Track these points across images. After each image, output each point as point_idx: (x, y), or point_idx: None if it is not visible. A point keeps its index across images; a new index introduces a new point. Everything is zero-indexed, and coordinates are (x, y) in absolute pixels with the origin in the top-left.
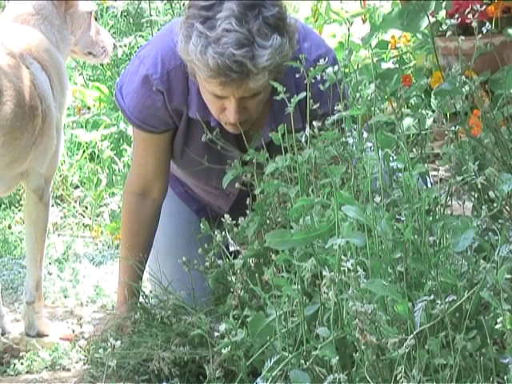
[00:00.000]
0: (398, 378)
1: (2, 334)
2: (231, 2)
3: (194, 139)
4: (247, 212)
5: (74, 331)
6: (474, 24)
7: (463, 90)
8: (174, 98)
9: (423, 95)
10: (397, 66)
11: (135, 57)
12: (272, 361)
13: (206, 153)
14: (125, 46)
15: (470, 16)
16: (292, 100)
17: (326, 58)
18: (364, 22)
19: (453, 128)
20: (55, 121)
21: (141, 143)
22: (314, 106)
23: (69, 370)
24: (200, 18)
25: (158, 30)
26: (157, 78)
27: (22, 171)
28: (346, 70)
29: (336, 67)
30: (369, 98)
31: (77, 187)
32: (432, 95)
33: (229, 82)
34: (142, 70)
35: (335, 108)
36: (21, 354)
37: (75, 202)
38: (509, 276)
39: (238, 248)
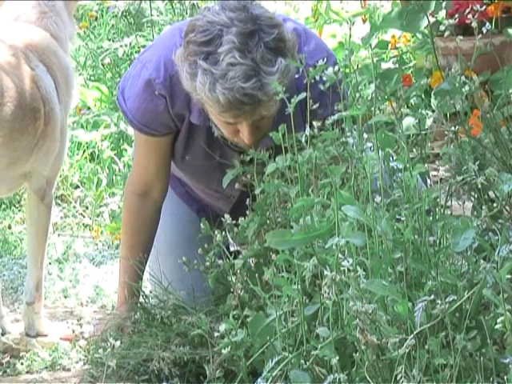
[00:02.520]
0: (398, 378)
1: (2, 334)
2: (230, 35)
3: (196, 143)
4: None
5: (74, 331)
6: (474, 24)
7: (463, 90)
8: (177, 103)
9: (423, 95)
10: (397, 66)
11: (137, 60)
12: (272, 361)
13: (207, 156)
14: (125, 45)
15: (469, 16)
16: (292, 100)
17: (325, 59)
18: (364, 21)
19: (453, 128)
20: (60, 124)
21: (142, 145)
22: (314, 106)
23: (69, 369)
24: (202, 55)
25: (159, 30)
26: (160, 82)
27: (25, 172)
28: (347, 70)
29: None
30: (369, 98)
31: (77, 187)
32: (432, 95)
33: (241, 113)
34: (144, 73)
35: (335, 108)
36: (21, 354)
37: (75, 202)
38: (509, 276)
39: (238, 248)
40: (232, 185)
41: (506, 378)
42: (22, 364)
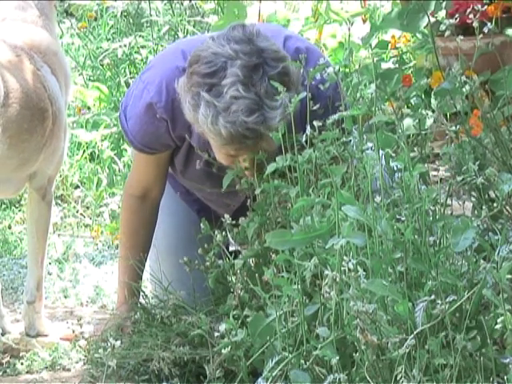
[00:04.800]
0: (398, 378)
1: (2, 334)
2: (234, 67)
3: (195, 160)
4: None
5: (74, 331)
6: (475, 24)
7: (463, 90)
8: (178, 126)
9: (423, 95)
10: (397, 66)
11: (139, 79)
12: (272, 361)
13: (207, 173)
14: (125, 46)
15: (470, 16)
16: (293, 100)
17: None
18: (364, 21)
19: (453, 128)
20: (64, 123)
21: (142, 158)
22: (314, 107)
23: (69, 369)
24: (205, 86)
25: (158, 30)
26: (161, 106)
27: (31, 172)
28: (347, 70)
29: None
30: (369, 98)
31: (77, 187)
32: (432, 95)
33: (243, 147)
34: (146, 96)
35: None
36: (21, 354)
37: (75, 202)
38: (509, 276)
39: (238, 248)
40: (231, 195)
41: (506, 377)
42: (22, 364)
